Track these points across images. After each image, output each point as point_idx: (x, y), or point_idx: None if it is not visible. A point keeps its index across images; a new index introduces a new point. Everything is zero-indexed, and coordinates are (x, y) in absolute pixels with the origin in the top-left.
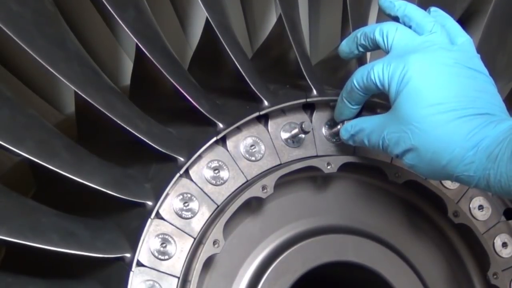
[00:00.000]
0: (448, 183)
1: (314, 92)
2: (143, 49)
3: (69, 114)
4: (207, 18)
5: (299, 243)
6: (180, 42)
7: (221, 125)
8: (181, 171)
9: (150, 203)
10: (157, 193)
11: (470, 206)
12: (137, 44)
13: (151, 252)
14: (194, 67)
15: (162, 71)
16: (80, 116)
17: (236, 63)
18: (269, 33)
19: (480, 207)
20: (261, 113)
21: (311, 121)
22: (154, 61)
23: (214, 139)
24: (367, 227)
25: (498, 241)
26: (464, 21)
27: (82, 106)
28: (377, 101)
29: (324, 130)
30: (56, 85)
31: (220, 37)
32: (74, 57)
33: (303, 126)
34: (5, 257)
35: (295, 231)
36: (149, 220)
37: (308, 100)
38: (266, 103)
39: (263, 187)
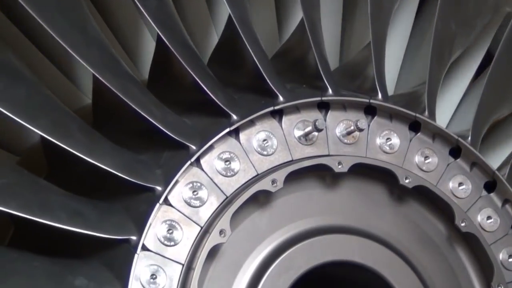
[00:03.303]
0: (459, 193)
1: (330, 91)
2: (163, 37)
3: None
4: (229, 14)
5: (305, 241)
6: None
7: (235, 117)
8: (192, 159)
9: (159, 188)
10: (167, 180)
11: (479, 216)
12: (158, 34)
13: (157, 237)
14: (214, 64)
15: (181, 60)
16: (96, 102)
17: (255, 58)
18: (290, 35)
19: (489, 218)
20: (276, 108)
21: (325, 121)
22: (173, 51)
23: (227, 130)
24: (373, 229)
25: (504, 253)
26: None
27: (99, 91)
28: None
29: (337, 131)
30: (68, 79)
31: (241, 32)
32: (94, 42)
33: (316, 123)
34: (12, 236)
35: (301, 229)
36: (157, 205)
37: (324, 98)
38: (281, 98)
39: (273, 181)
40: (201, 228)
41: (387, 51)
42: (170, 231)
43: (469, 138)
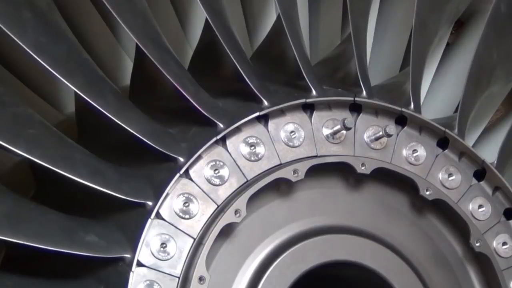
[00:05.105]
0: (477, 214)
1: (364, 93)
2: (210, 22)
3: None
4: (278, 14)
5: (319, 236)
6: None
7: (266, 103)
8: (218, 136)
9: (181, 159)
10: (190, 153)
11: (495, 241)
12: (206, 18)
13: (173, 208)
14: (256, 60)
15: (223, 43)
16: (134, 76)
17: (295, 52)
18: (338, 44)
19: (504, 244)
20: (308, 101)
21: (355, 123)
22: (219, 37)
23: (257, 114)
24: (388, 237)
25: None
26: None
27: (138, 64)
28: None
29: (366, 135)
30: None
31: (286, 28)
32: (140, 13)
33: (345, 122)
34: (33, 196)
35: (317, 224)
36: (178, 175)
37: (356, 99)
38: (314, 93)
39: (295, 171)
40: (218, 206)
41: None
42: (187, 204)
43: (495, 161)
